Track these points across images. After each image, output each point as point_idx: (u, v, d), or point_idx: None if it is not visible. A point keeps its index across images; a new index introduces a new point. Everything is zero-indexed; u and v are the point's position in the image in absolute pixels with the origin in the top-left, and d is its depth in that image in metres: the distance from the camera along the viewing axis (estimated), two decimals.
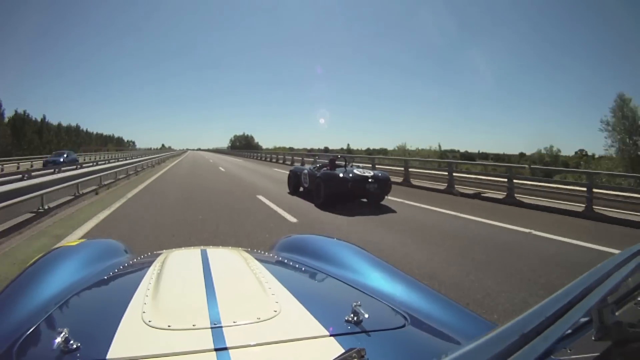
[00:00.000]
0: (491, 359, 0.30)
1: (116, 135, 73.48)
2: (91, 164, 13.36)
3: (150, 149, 76.05)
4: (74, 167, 10.48)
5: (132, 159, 18.24)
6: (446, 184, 9.44)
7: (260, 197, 7.86)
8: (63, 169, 9.75)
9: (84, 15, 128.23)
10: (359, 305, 0.71)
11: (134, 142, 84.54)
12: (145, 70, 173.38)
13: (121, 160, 15.45)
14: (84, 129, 57.03)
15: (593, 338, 0.40)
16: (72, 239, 4.28)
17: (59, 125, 47.81)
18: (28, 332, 0.69)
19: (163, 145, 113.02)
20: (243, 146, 78.62)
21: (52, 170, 9.14)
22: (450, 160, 11.59)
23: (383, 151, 51.93)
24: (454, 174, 9.50)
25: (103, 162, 14.87)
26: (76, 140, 50.04)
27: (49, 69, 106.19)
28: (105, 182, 10.19)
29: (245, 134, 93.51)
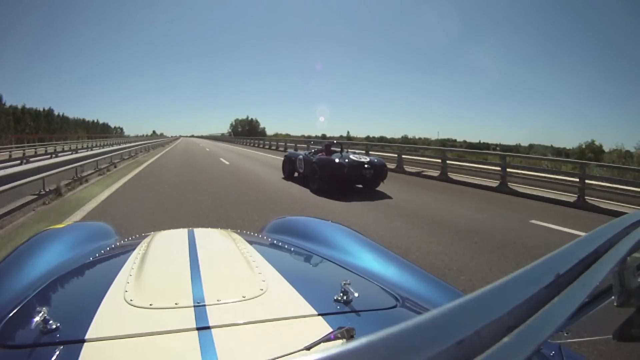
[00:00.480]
0: (523, 303, 0.25)
1: (102, 121, 65.52)
2: None
3: (144, 135, 71.00)
4: None
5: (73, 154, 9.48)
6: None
7: None
8: None
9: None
10: (349, 285, 0.69)
11: (121, 129, 75.68)
12: (141, 57, 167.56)
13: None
14: (60, 114, 46.24)
15: (615, 304, 0.36)
16: None
17: (23, 108, 37.39)
18: (9, 315, 0.68)
19: (154, 132, 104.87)
20: (246, 132, 67.90)
21: None
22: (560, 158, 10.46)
23: (383, 139, 51.24)
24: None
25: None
26: (48, 127, 40.91)
27: (44, 57, 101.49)
28: None
29: (250, 118, 79.73)
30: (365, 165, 6.63)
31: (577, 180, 6.64)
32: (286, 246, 1.14)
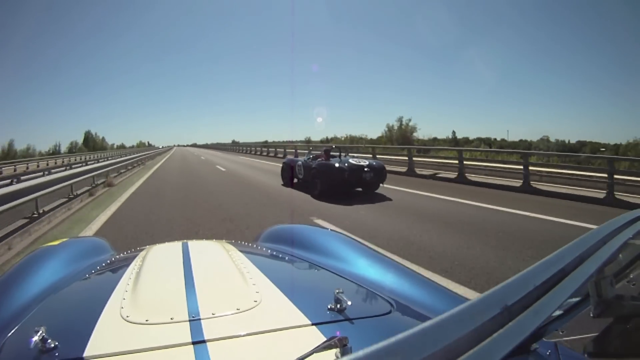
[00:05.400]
0: (465, 336, 0.25)
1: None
2: None
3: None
4: None
5: None
6: None
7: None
8: None
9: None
10: (342, 293, 0.70)
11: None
12: (130, 65, 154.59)
13: None
14: None
15: (591, 314, 0.36)
16: None
17: None
18: (8, 334, 0.69)
19: (95, 136, 61.46)
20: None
21: None
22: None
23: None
24: None
25: None
26: None
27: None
28: None
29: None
30: (365, 169, 6.65)
31: None
32: (280, 255, 1.14)
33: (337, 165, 6.66)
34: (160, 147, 72.44)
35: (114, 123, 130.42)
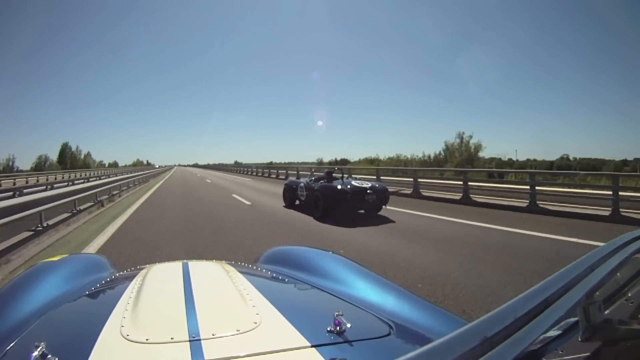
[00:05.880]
0: None
1: None
2: None
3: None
4: None
5: None
6: None
7: None
8: None
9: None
10: (341, 315, 0.70)
11: None
12: (132, 84, 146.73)
13: None
14: None
15: (579, 339, 0.36)
16: None
17: None
18: (7, 349, 0.69)
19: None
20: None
21: None
22: None
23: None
24: None
25: None
26: None
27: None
28: None
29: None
30: (368, 191, 6.66)
31: None
32: (280, 277, 1.14)
33: (339, 187, 6.67)
34: (157, 166, 64.89)
35: (113, 140, 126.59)
